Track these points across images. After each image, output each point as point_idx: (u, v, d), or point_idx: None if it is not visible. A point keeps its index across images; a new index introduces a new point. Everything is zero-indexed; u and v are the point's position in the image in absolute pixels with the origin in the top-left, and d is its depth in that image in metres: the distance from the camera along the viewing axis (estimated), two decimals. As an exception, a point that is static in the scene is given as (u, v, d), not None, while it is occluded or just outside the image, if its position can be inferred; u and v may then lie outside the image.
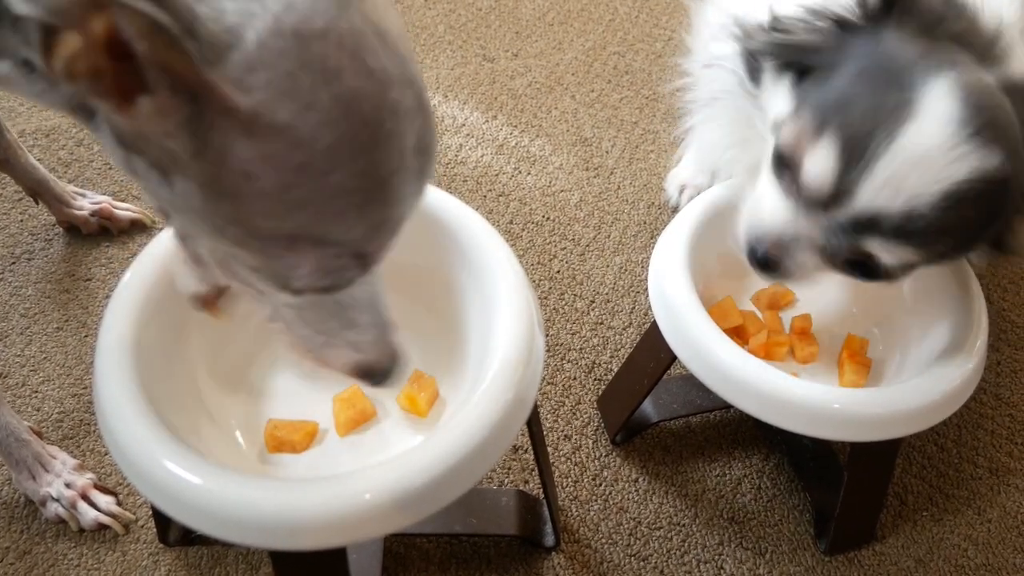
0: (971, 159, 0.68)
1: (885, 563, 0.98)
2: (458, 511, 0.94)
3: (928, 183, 0.68)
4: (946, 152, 0.67)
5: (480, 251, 0.80)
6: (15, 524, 0.96)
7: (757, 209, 0.79)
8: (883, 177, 0.68)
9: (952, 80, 0.68)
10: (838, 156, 0.70)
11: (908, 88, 0.68)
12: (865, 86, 0.71)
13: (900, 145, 0.67)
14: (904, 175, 0.68)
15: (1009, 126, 0.69)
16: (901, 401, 0.82)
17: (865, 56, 0.72)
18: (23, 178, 1.17)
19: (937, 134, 0.67)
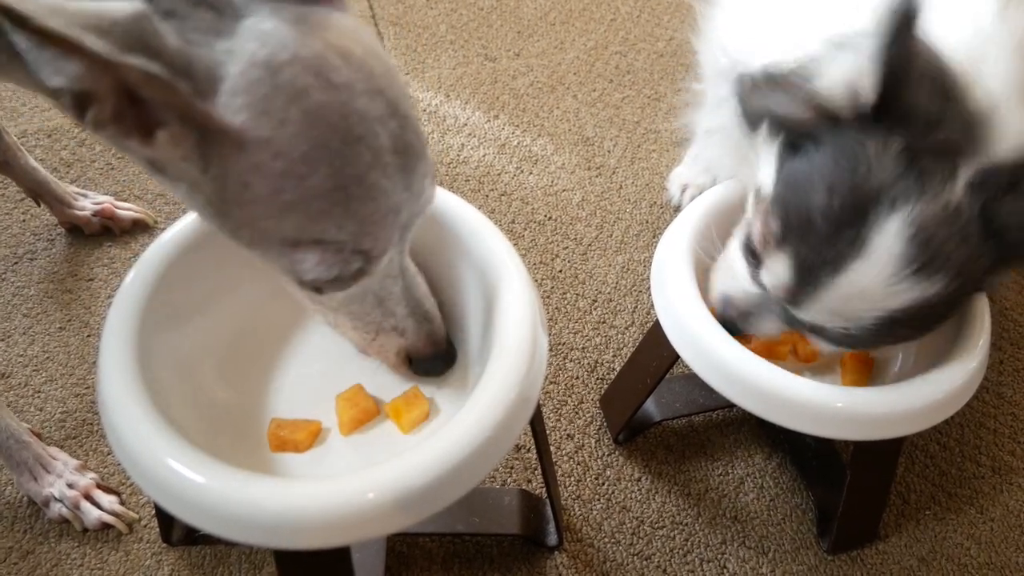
0: (908, 293, 0.73)
1: (888, 562, 0.98)
2: (461, 510, 0.94)
3: (864, 311, 0.74)
4: (883, 288, 0.73)
5: (483, 250, 0.80)
6: (18, 524, 0.96)
7: (728, 272, 0.85)
8: (827, 304, 0.75)
9: (905, 218, 0.71)
10: (792, 273, 0.76)
11: (864, 224, 0.72)
12: (829, 204, 0.73)
13: (844, 279, 0.73)
14: (844, 304, 0.75)
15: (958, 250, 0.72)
16: (904, 400, 0.82)
17: (841, 166, 0.73)
18: (24, 180, 1.17)
19: (878, 273, 0.72)
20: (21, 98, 1.42)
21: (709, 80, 1.09)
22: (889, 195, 0.71)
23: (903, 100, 0.71)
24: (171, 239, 0.80)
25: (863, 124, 0.73)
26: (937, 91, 0.72)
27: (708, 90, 1.10)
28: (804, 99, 0.76)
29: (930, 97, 0.71)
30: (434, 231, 0.83)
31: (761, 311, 0.82)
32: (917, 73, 0.71)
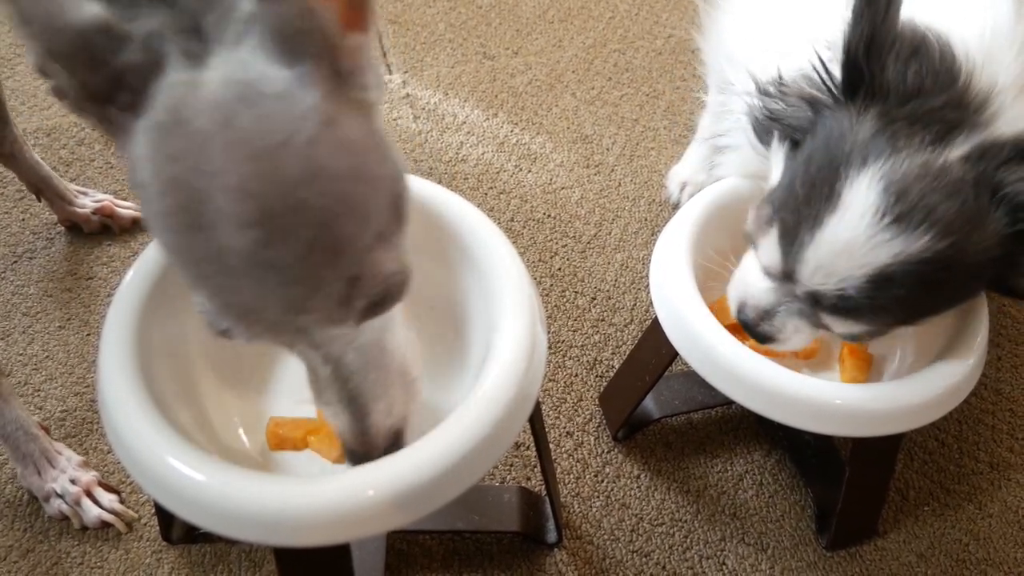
0: (891, 245, 0.73)
1: (887, 558, 0.99)
2: (461, 508, 0.94)
3: (852, 268, 0.75)
4: (865, 241, 0.73)
5: (482, 248, 0.80)
6: (18, 522, 0.96)
7: (740, 279, 0.87)
8: (814, 263, 0.76)
9: (877, 171, 0.73)
10: (781, 244, 0.78)
11: (836, 181, 0.74)
12: (806, 175, 0.77)
13: (824, 235, 0.75)
14: (830, 262, 0.75)
15: (944, 205, 0.72)
16: (902, 397, 0.82)
17: (818, 140, 0.78)
18: (27, 174, 1.17)
19: (855, 225, 0.73)
20: (20, 96, 1.42)
21: (714, 88, 1.10)
22: (861, 153, 0.74)
23: (875, 74, 0.74)
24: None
25: (841, 103, 0.77)
26: (922, 64, 0.74)
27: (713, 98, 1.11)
28: (799, 97, 0.80)
29: (907, 69, 0.74)
30: (433, 229, 0.83)
31: (776, 307, 0.82)
32: (888, 49, 0.74)
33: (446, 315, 0.86)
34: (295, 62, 0.54)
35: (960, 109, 0.74)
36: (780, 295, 0.82)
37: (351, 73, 0.57)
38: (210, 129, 0.53)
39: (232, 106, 0.53)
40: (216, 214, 0.54)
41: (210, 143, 0.53)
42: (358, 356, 0.63)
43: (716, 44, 1.03)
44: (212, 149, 0.53)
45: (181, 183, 0.54)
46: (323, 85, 0.55)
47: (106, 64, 0.53)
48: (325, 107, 0.55)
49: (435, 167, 1.35)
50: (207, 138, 0.53)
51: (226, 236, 0.54)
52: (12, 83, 1.44)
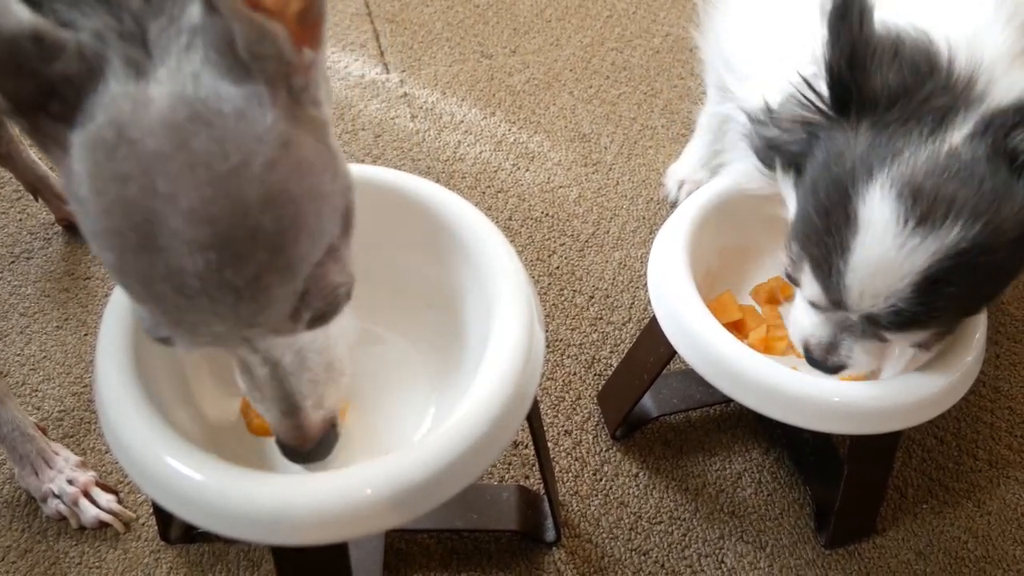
0: (925, 247, 0.71)
1: (885, 556, 0.99)
2: (459, 507, 0.94)
3: (894, 283, 0.73)
4: (896, 252, 0.71)
5: (480, 247, 0.80)
6: (16, 523, 0.96)
7: (796, 320, 0.86)
8: (857, 289, 0.74)
9: (886, 180, 0.72)
10: (818, 278, 0.77)
11: (849, 201, 0.73)
12: (819, 201, 0.76)
13: (855, 260, 0.73)
14: (871, 284, 0.73)
15: (963, 191, 0.71)
16: (900, 394, 0.82)
17: (820, 163, 0.76)
18: (24, 173, 1.17)
19: (881, 240, 0.72)
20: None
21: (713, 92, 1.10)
22: (864, 166, 0.73)
23: (862, 86, 0.73)
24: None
25: (834, 122, 0.76)
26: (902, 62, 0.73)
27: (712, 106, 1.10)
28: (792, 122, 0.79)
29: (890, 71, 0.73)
30: (431, 228, 0.83)
31: (839, 338, 0.82)
32: (869, 58, 0.73)
33: (444, 313, 0.86)
34: (246, 79, 0.53)
35: (948, 92, 0.73)
36: (836, 324, 0.81)
37: (304, 90, 0.56)
38: (164, 151, 0.52)
39: (186, 127, 0.52)
40: (170, 236, 0.53)
41: (164, 165, 0.52)
42: (295, 358, 0.63)
43: (714, 43, 1.03)
44: (166, 171, 0.52)
45: (131, 204, 0.52)
46: (278, 104, 0.54)
47: (36, 73, 0.51)
48: (281, 128, 0.54)
49: (433, 166, 1.35)
50: (160, 160, 0.52)
51: (179, 258, 0.53)
52: None
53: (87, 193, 0.53)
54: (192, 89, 0.52)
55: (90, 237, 0.56)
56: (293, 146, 0.55)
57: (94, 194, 0.53)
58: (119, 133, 0.52)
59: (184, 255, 0.53)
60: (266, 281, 0.55)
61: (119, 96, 0.52)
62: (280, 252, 0.55)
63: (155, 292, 0.55)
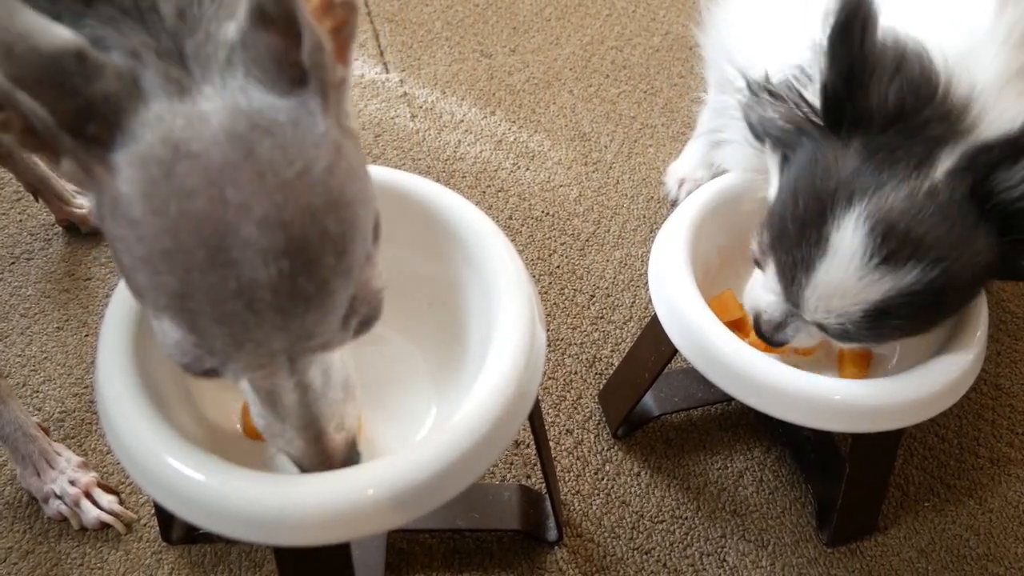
0: (882, 283, 0.74)
1: (887, 554, 0.99)
2: (461, 506, 0.94)
3: (847, 306, 0.77)
4: (856, 282, 0.75)
5: (481, 246, 0.80)
6: (17, 524, 0.96)
7: (754, 290, 0.88)
8: (812, 301, 0.78)
9: (862, 212, 0.74)
10: (779, 278, 0.81)
11: (824, 223, 0.75)
12: (796, 209, 0.78)
13: (818, 278, 0.77)
14: (827, 301, 0.77)
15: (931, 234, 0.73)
16: (902, 392, 0.82)
17: (804, 167, 0.78)
18: (24, 174, 1.17)
19: (845, 268, 0.75)
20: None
21: (714, 86, 1.10)
22: (846, 192, 0.75)
23: (858, 105, 0.74)
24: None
25: (826, 131, 0.77)
26: (895, 89, 0.74)
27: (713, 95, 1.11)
28: (786, 113, 0.80)
29: (885, 96, 0.74)
30: (432, 227, 0.83)
31: (789, 321, 0.84)
32: (869, 75, 0.73)
33: (444, 313, 0.86)
34: (293, 90, 0.54)
35: (942, 121, 0.74)
36: (789, 308, 0.83)
37: (340, 102, 0.57)
38: (232, 160, 0.52)
39: (249, 136, 0.52)
40: (243, 248, 0.52)
41: (233, 175, 0.52)
42: (323, 379, 0.63)
43: (716, 40, 1.03)
44: (236, 181, 0.52)
45: (199, 218, 0.52)
46: (328, 112, 0.55)
47: (77, 92, 0.50)
48: (333, 134, 0.55)
49: (433, 165, 1.35)
50: (229, 170, 0.52)
51: (253, 269, 0.53)
52: (9, 84, 1.44)
53: (141, 214, 0.52)
54: (245, 101, 0.53)
55: (140, 264, 0.54)
56: (343, 152, 0.56)
57: (151, 214, 0.52)
58: (176, 149, 0.51)
59: (259, 266, 0.53)
60: (333, 286, 0.56)
61: (166, 114, 0.52)
62: (343, 255, 0.56)
63: (224, 311, 0.54)
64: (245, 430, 0.82)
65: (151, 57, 0.53)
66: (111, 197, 0.53)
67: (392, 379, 0.87)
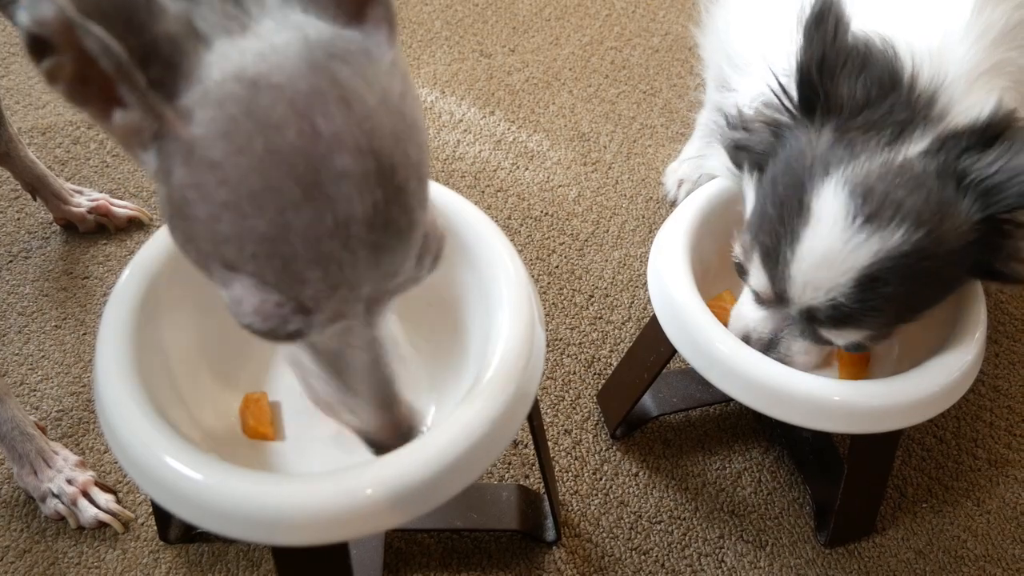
0: (868, 245, 0.74)
1: (885, 555, 0.99)
2: (459, 506, 0.94)
3: (836, 276, 0.76)
4: (842, 247, 0.75)
5: (480, 246, 0.80)
6: (15, 523, 0.96)
7: (739, 312, 0.89)
8: (800, 280, 0.78)
9: (840, 177, 0.75)
10: (765, 267, 0.81)
11: (803, 194, 0.77)
12: (774, 194, 0.80)
13: (803, 250, 0.77)
14: (815, 276, 0.77)
15: (911, 198, 0.74)
16: (900, 393, 0.82)
17: (781, 161, 0.80)
18: (23, 173, 1.17)
19: (829, 233, 0.75)
20: (15, 96, 1.42)
21: (712, 85, 1.10)
22: (822, 164, 0.76)
23: (829, 92, 0.77)
24: (166, 236, 0.79)
25: (799, 123, 0.80)
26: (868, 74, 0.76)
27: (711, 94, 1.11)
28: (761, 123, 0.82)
29: (855, 82, 0.76)
30: (430, 227, 0.83)
31: (779, 335, 0.85)
32: (839, 67, 0.76)
33: (444, 313, 0.86)
34: (351, 23, 0.53)
35: (909, 108, 0.76)
36: (778, 321, 0.84)
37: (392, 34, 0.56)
38: (318, 89, 0.50)
39: (329, 64, 0.50)
40: (338, 180, 0.50)
41: (322, 104, 0.50)
42: (388, 338, 0.61)
43: (715, 41, 1.03)
44: (326, 110, 0.50)
45: (291, 151, 0.49)
46: (392, 43, 0.55)
47: (143, 31, 0.47)
48: (400, 63, 0.55)
49: (432, 165, 1.35)
50: (318, 98, 0.50)
51: (348, 202, 0.51)
52: (7, 82, 1.44)
53: (223, 155, 0.49)
54: (315, 33, 0.51)
55: (223, 212, 0.51)
56: (410, 80, 0.55)
57: (236, 154, 0.49)
58: (254, 83, 0.49)
59: (355, 198, 0.51)
60: (417, 216, 0.55)
61: (232, 51, 0.50)
62: (422, 182, 0.55)
63: (320, 252, 0.51)
64: (244, 429, 0.82)
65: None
66: (184, 143, 0.50)
67: (391, 379, 0.87)
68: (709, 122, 1.17)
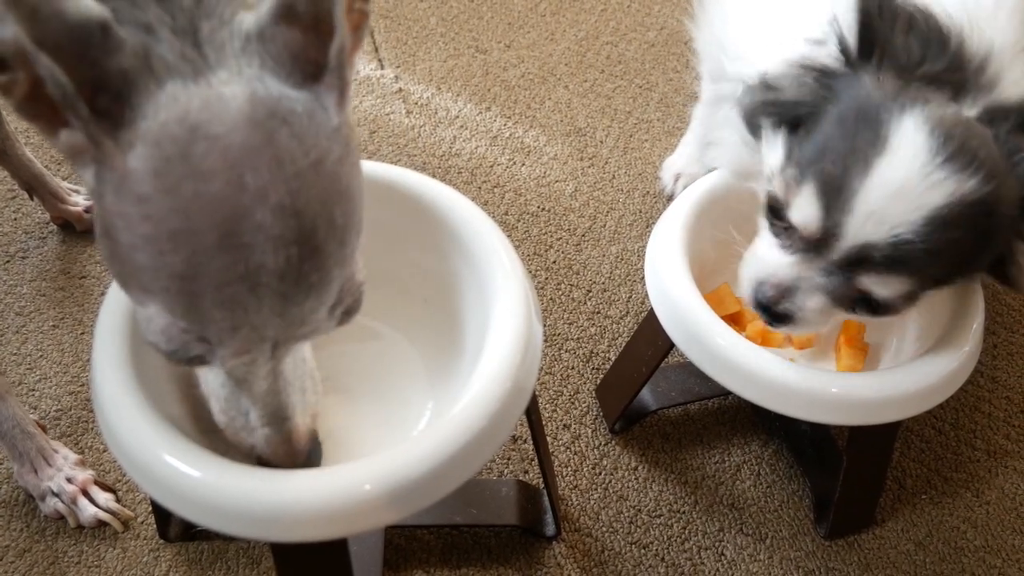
0: (946, 185, 0.72)
1: (885, 547, 0.99)
2: (458, 502, 0.94)
3: (908, 211, 0.72)
4: (920, 181, 0.72)
5: (477, 241, 0.80)
6: (15, 522, 0.96)
7: (756, 257, 0.83)
8: (865, 211, 0.73)
9: (919, 115, 0.73)
10: (820, 198, 0.75)
11: (879, 126, 0.73)
12: (841, 129, 0.76)
13: (876, 179, 0.72)
14: (884, 207, 0.72)
15: (982, 151, 0.73)
16: (898, 384, 0.82)
17: (844, 101, 0.77)
18: (20, 172, 1.17)
19: (909, 165, 0.72)
20: (10, 96, 1.41)
21: (707, 77, 1.10)
22: (897, 103, 0.74)
23: (884, 42, 0.75)
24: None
25: (859, 68, 0.76)
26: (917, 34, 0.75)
27: (706, 87, 1.11)
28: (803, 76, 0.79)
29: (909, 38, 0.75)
30: (428, 223, 0.83)
31: (798, 283, 0.79)
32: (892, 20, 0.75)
33: (441, 309, 0.86)
34: (304, 85, 0.55)
35: (962, 71, 0.75)
36: (803, 270, 0.78)
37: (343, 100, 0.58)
38: (253, 145, 0.52)
39: (269, 123, 0.53)
40: (254, 232, 0.53)
41: (253, 159, 0.52)
42: (294, 367, 0.64)
43: (709, 34, 1.03)
44: (255, 166, 0.52)
45: (215, 200, 0.52)
46: (341, 107, 0.57)
47: (95, 64, 0.50)
48: (345, 129, 0.57)
49: (428, 161, 1.35)
50: (250, 154, 0.52)
51: (262, 255, 0.53)
52: (2, 82, 1.44)
53: (152, 192, 0.52)
54: (263, 89, 0.54)
55: (142, 244, 0.54)
56: (352, 146, 0.57)
57: (163, 193, 0.52)
58: (193, 129, 0.52)
59: (268, 252, 0.53)
60: (332, 275, 0.57)
61: (181, 94, 0.52)
62: (343, 245, 0.57)
63: (227, 295, 0.54)
64: None
65: (166, 33, 0.53)
66: (118, 173, 0.52)
67: (388, 375, 0.87)
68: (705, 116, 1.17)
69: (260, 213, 0.52)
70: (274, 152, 0.53)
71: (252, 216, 0.52)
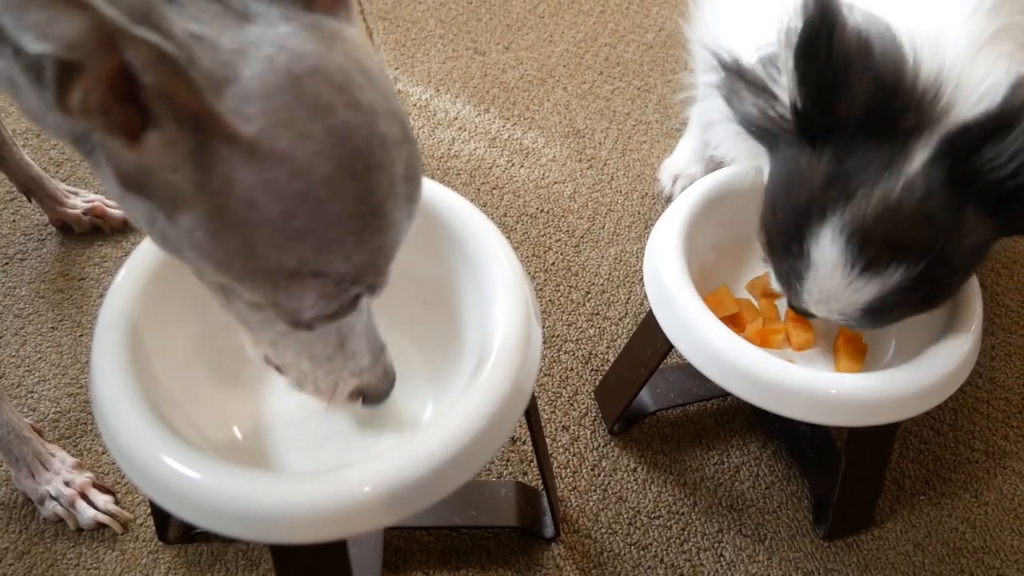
0: (870, 287, 0.76)
1: (884, 547, 0.99)
2: (457, 503, 0.94)
3: (844, 307, 0.79)
4: (843, 289, 0.77)
5: (476, 243, 0.80)
6: (13, 524, 0.96)
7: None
8: (811, 303, 0.81)
9: (837, 224, 0.75)
10: (781, 280, 0.84)
11: (804, 237, 0.77)
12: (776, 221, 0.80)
13: (807, 287, 0.80)
14: (824, 304, 0.80)
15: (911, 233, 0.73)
16: (897, 385, 0.82)
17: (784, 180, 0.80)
18: (17, 175, 1.17)
19: (830, 277, 0.77)
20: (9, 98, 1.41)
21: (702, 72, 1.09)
22: (819, 206, 0.76)
23: (828, 117, 0.74)
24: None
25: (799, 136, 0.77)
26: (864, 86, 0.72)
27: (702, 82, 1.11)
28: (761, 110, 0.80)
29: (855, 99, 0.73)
30: (427, 225, 0.83)
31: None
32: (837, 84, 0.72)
33: (440, 310, 0.86)
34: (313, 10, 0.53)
35: (915, 109, 0.73)
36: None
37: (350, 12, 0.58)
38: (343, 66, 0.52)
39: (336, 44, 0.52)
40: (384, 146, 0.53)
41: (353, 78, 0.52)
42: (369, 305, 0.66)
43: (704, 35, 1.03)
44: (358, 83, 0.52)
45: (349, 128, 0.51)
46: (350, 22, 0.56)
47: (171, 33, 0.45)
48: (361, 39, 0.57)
49: (427, 163, 1.35)
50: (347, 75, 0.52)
51: (392, 165, 0.54)
52: (1, 84, 1.44)
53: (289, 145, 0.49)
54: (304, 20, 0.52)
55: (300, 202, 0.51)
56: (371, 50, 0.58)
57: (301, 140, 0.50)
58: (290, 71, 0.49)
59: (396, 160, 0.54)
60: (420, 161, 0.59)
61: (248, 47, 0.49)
62: None
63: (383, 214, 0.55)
64: None
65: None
66: (245, 144, 0.49)
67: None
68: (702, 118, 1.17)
69: (382, 124, 0.53)
70: (358, 66, 0.53)
71: (379, 130, 0.53)
